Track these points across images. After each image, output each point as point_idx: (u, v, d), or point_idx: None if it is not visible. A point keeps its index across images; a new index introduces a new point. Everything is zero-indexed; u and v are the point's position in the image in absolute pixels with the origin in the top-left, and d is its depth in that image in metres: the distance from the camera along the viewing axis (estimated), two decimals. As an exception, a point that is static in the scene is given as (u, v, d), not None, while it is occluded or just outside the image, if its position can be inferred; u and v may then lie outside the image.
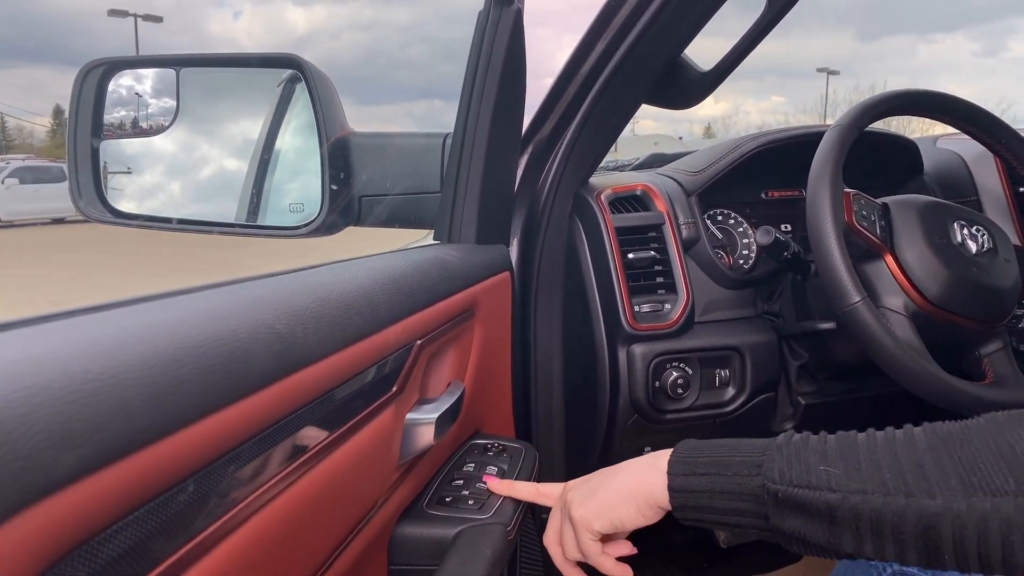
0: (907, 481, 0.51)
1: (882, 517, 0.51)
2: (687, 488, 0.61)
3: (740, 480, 0.58)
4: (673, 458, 0.63)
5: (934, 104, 1.02)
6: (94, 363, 0.30)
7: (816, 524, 0.54)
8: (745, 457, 0.59)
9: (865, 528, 0.52)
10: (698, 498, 0.60)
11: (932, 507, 0.50)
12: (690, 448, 0.63)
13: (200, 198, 1.02)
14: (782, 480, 0.56)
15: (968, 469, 0.50)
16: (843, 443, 0.56)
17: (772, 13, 0.95)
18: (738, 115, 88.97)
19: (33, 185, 15.32)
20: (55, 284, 7.86)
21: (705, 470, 0.60)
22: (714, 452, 0.61)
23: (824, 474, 0.54)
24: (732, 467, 0.59)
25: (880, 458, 0.54)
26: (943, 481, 0.50)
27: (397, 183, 0.96)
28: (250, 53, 1.43)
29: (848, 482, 0.53)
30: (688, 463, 0.62)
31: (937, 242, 0.94)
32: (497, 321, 0.93)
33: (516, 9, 0.88)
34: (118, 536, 0.30)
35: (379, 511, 0.63)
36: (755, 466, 0.58)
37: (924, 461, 0.52)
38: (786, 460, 0.57)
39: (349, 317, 0.53)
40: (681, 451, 0.63)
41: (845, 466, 0.54)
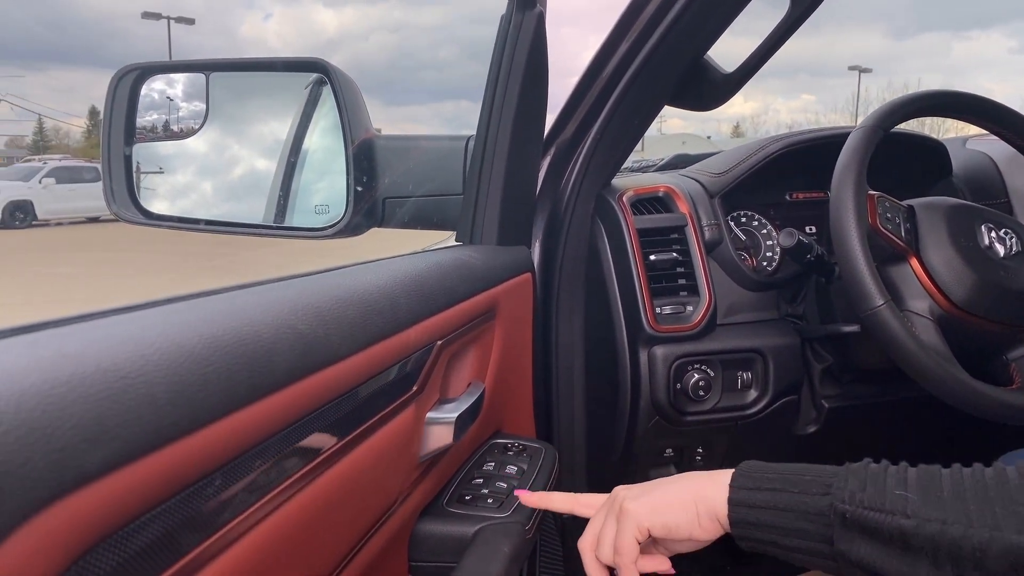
0: (995, 514, 0.48)
1: (962, 549, 0.48)
2: (748, 502, 0.57)
3: (807, 499, 0.55)
4: (738, 471, 0.60)
5: (961, 105, 1.01)
6: (124, 361, 0.32)
7: (887, 551, 0.51)
8: (815, 476, 0.56)
9: (943, 560, 0.48)
10: (759, 514, 0.57)
11: (1020, 541, 0.46)
12: (757, 465, 0.60)
13: (228, 200, 1.04)
14: (852, 501, 0.52)
15: None
16: (925, 473, 0.53)
17: (796, 13, 0.95)
18: (767, 114, 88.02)
19: (69, 185, 15.65)
20: (86, 281, 8.03)
21: (771, 485, 0.57)
22: (782, 470, 0.58)
23: (900, 499, 0.51)
24: (800, 484, 0.56)
25: (965, 491, 0.50)
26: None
27: (420, 185, 0.98)
28: (277, 57, 1.45)
29: (926, 510, 0.50)
30: (753, 477, 0.58)
31: (964, 245, 0.93)
32: (518, 322, 0.93)
33: (538, 13, 0.89)
34: (146, 528, 0.31)
35: (400, 508, 0.64)
36: (825, 485, 0.55)
37: (1016, 495, 0.48)
38: (859, 482, 0.53)
39: (370, 318, 0.54)
40: (746, 467, 0.60)
41: (924, 494, 0.51)
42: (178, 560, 0.34)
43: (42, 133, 54.04)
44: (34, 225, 15.15)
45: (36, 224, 15.21)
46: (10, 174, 16.83)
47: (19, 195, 15.17)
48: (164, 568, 0.32)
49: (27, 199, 15.25)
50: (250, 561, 0.40)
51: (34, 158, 23.77)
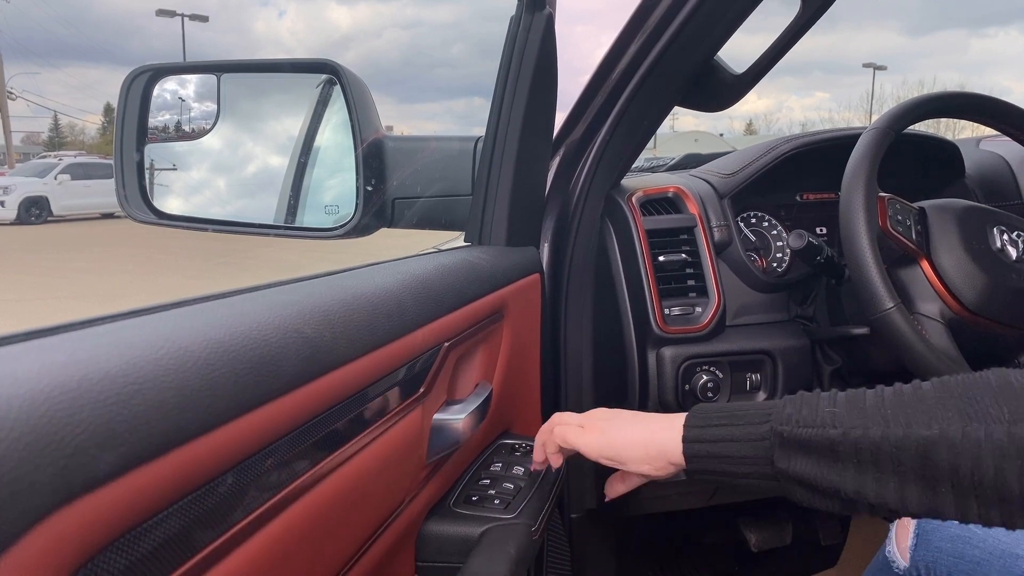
0: (907, 414, 0.53)
1: (881, 449, 0.53)
2: (700, 438, 0.63)
3: (750, 428, 0.60)
4: (690, 413, 0.66)
5: (974, 106, 1.00)
6: (133, 366, 0.32)
7: (819, 463, 0.56)
8: (758, 409, 0.62)
9: (866, 461, 0.54)
10: (710, 447, 0.62)
11: (929, 435, 0.51)
12: (707, 406, 0.67)
13: (238, 200, 1.05)
14: (789, 422, 0.58)
15: (966, 402, 0.52)
16: (852, 392, 0.59)
17: (807, 14, 0.94)
18: (781, 111, 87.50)
19: (84, 181, 15.76)
20: (103, 277, 8.10)
21: (719, 421, 0.63)
22: (729, 407, 0.64)
23: (830, 414, 0.56)
24: (744, 417, 0.62)
25: (884, 400, 0.56)
26: (941, 413, 0.52)
27: (430, 186, 0.98)
28: (287, 59, 1.46)
29: (851, 419, 0.55)
30: (703, 416, 0.64)
31: (975, 248, 0.93)
32: (527, 323, 0.94)
33: (548, 14, 0.89)
34: (154, 531, 0.32)
35: (407, 508, 0.65)
36: (765, 414, 0.60)
37: (926, 398, 0.54)
38: (794, 406, 0.59)
39: (377, 321, 0.54)
40: (698, 408, 0.66)
41: (850, 407, 0.56)
42: (186, 561, 0.34)
43: (58, 129, 54.51)
44: (49, 221, 15.28)
45: (51, 220, 15.33)
46: (26, 170, 16.98)
47: (35, 191, 15.30)
48: (172, 569, 0.33)
49: (43, 195, 15.38)
50: (258, 561, 0.40)
51: (50, 154, 23.99)
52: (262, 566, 0.41)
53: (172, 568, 0.33)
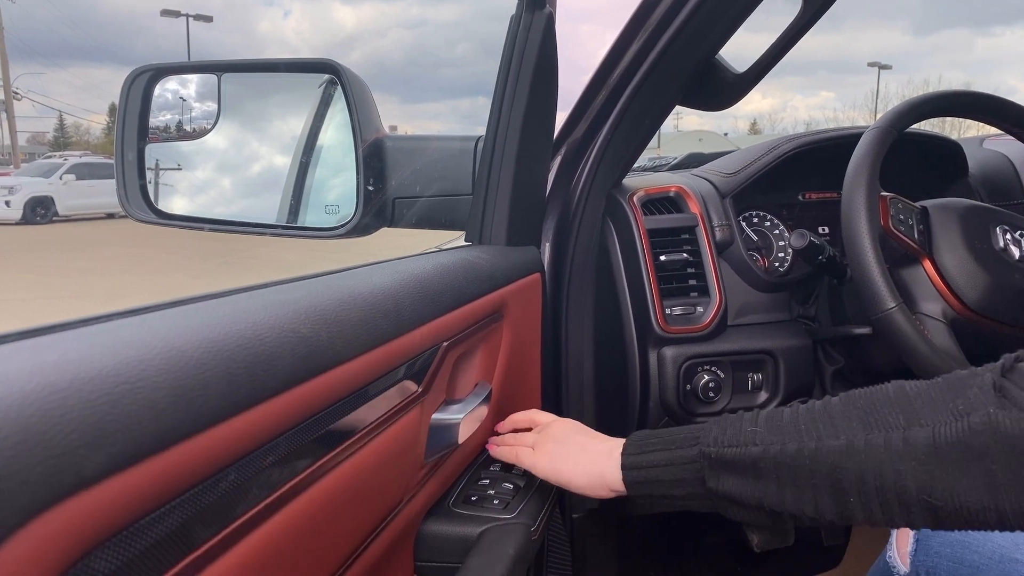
0: (818, 428, 0.57)
1: (797, 463, 0.57)
2: (637, 465, 0.67)
3: (682, 452, 0.64)
4: (627, 442, 0.70)
5: (977, 105, 1.00)
6: (125, 366, 0.32)
7: (742, 479, 0.60)
8: (688, 433, 0.66)
9: (784, 476, 0.57)
10: (647, 473, 0.66)
11: (836, 446, 0.55)
12: (643, 433, 0.70)
13: (239, 200, 1.05)
14: (715, 444, 0.61)
15: (868, 412, 0.56)
16: (771, 411, 0.63)
17: (809, 14, 0.94)
18: (785, 110, 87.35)
19: (89, 181, 15.79)
20: (105, 276, 8.13)
21: (653, 448, 0.67)
22: (662, 434, 0.68)
23: (751, 433, 0.60)
24: (676, 442, 0.66)
25: (798, 416, 0.60)
26: (847, 424, 0.56)
27: (430, 185, 0.98)
28: (288, 58, 1.46)
29: (769, 436, 0.59)
30: (639, 444, 0.68)
31: (978, 247, 0.92)
32: (527, 322, 0.93)
33: (548, 13, 0.89)
34: (145, 531, 0.32)
35: (405, 508, 0.65)
36: (695, 438, 0.64)
37: (834, 412, 0.58)
38: (720, 428, 0.63)
39: (374, 320, 0.54)
40: (635, 436, 0.70)
41: (768, 424, 0.60)
42: (179, 562, 0.34)
43: (63, 129, 54.71)
44: (54, 221, 15.32)
45: (57, 220, 15.38)
46: (31, 170, 17.03)
47: (40, 191, 15.34)
48: (164, 571, 0.33)
49: (48, 195, 15.42)
50: (253, 562, 0.40)
51: (55, 154, 24.06)
52: (257, 567, 0.41)
53: (163, 570, 0.33)
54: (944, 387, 0.55)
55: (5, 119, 27.64)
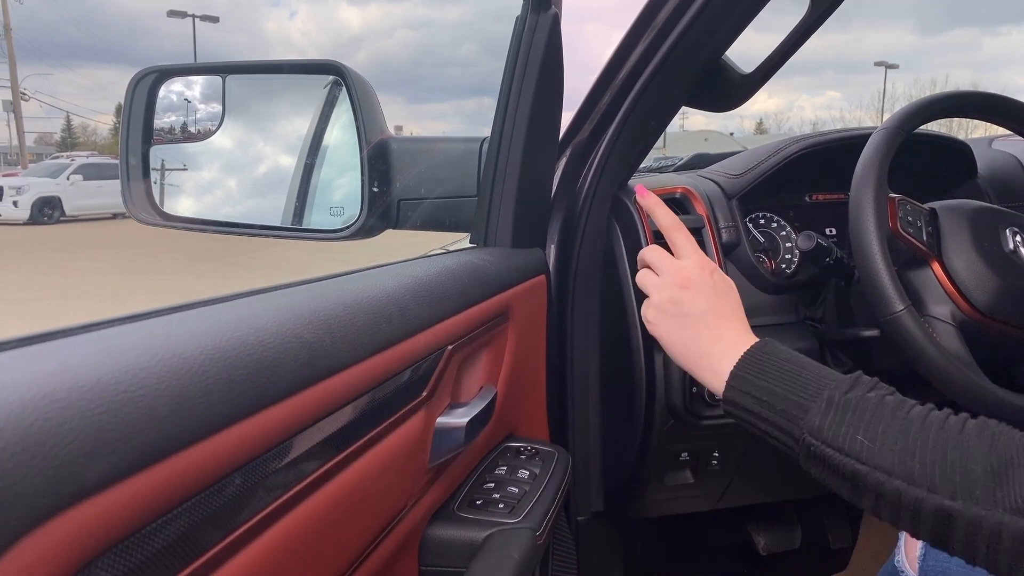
0: (934, 477, 0.53)
1: (902, 499, 0.54)
2: (737, 403, 0.66)
3: (784, 421, 0.62)
4: (735, 370, 0.67)
5: (986, 106, 0.99)
6: (125, 373, 0.32)
7: (840, 481, 0.58)
8: (798, 397, 0.62)
9: (884, 501, 0.56)
10: (744, 413, 0.65)
11: (949, 506, 0.52)
12: (756, 363, 0.66)
13: (243, 201, 1.04)
14: (818, 436, 0.59)
15: (999, 484, 0.51)
16: (892, 419, 0.58)
17: (816, 14, 0.93)
18: (792, 110, 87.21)
19: (96, 181, 15.86)
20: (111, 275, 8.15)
21: (759, 393, 0.64)
22: (773, 379, 0.64)
23: (859, 444, 0.57)
24: (783, 402, 0.62)
25: (917, 446, 0.55)
26: (969, 487, 0.52)
27: (435, 187, 0.97)
28: (292, 60, 1.46)
29: (878, 460, 0.56)
30: (747, 380, 0.66)
31: (987, 249, 0.91)
32: (532, 325, 0.93)
33: (553, 14, 0.88)
34: (147, 541, 0.31)
35: (410, 513, 0.64)
36: (802, 410, 0.61)
37: (961, 463, 0.53)
38: (830, 418, 0.59)
39: (378, 324, 0.54)
40: (747, 363, 0.67)
41: (881, 444, 0.56)
42: (181, 571, 0.34)
43: (70, 130, 54.94)
44: (62, 221, 15.39)
45: (64, 220, 15.44)
46: (39, 171, 17.11)
47: (48, 191, 15.42)
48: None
49: (55, 195, 15.50)
50: (257, 569, 0.40)
51: (62, 155, 24.17)
52: (261, 573, 0.41)
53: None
54: None
55: (13, 119, 27.75)
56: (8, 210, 14.80)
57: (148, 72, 0.92)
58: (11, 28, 26.93)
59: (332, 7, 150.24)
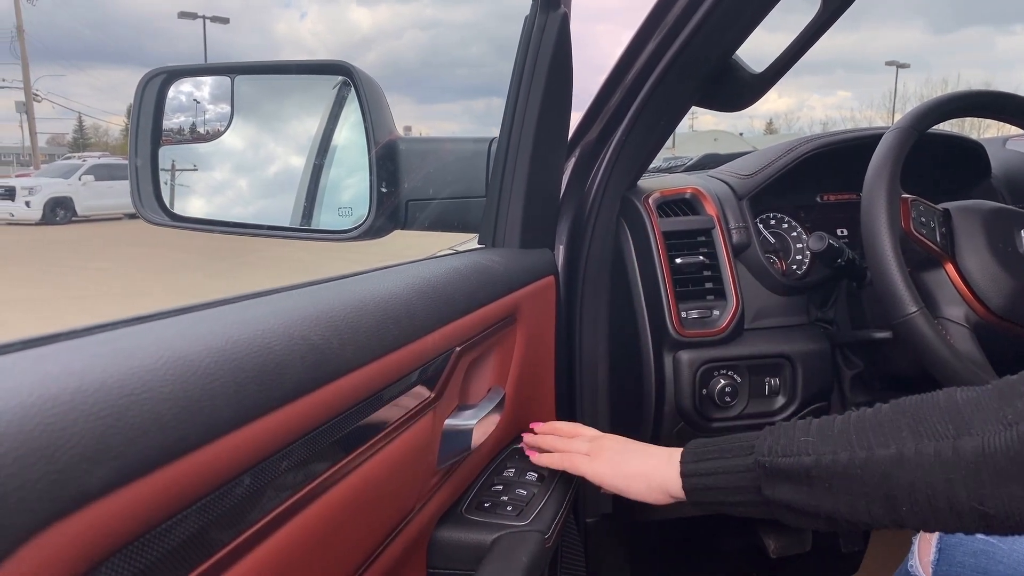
0: (868, 437, 0.58)
1: (848, 473, 0.58)
2: (696, 472, 0.69)
3: (738, 460, 0.66)
4: (686, 450, 0.72)
5: (999, 105, 0.98)
6: (129, 376, 0.31)
7: (796, 488, 0.61)
8: (743, 442, 0.67)
9: (837, 486, 0.59)
10: (705, 480, 0.68)
11: (887, 455, 0.56)
12: (700, 442, 0.72)
13: (252, 202, 1.04)
14: (770, 453, 0.63)
15: (918, 421, 0.57)
16: (823, 420, 0.64)
17: (827, 13, 0.92)
18: (802, 110, 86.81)
19: (108, 182, 15.94)
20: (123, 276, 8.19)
21: (710, 456, 0.69)
22: (719, 442, 0.70)
23: (804, 443, 0.61)
24: (732, 451, 0.67)
25: (849, 425, 0.61)
26: (897, 434, 0.57)
27: (444, 188, 0.97)
28: (301, 60, 1.45)
29: (822, 446, 0.60)
30: (697, 452, 0.70)
31: (1002, 250, 0.90)
32: (540, 326, 0.92)
33: (562, 14, 0.88)
34: (153, 544, 0.31)
35: (418, 515, 0.64)
36: (749, 447, 0.66)
37: (884, 421, 0.59)
38: (774, 438, 0.64)
39: (386, 326, 0.53)
40: (692, 444, 0.72)
41: (820, 434, 0.61)
42: (189, 573, 0.34)
43: (82, 131, 55.33)
44: (73, 221, 15.48)
45: (76, 220, 15.54)
46: (51, 171, 17.22)
47: (60, 192, 15.51)
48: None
49: (67, 196, 15.59)
50: (264, 572, 0.40)
51: (74, 155, 24.33)
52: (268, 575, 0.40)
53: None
54: (994, 395, 0.55)
55: (25, 120, 27.98)
56: (21, 210, 14.90)
57: (157, 73, 0.92)
58: (24, 30, 27.13)
59: (343, 8, 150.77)
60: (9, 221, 14.91)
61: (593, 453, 0.77)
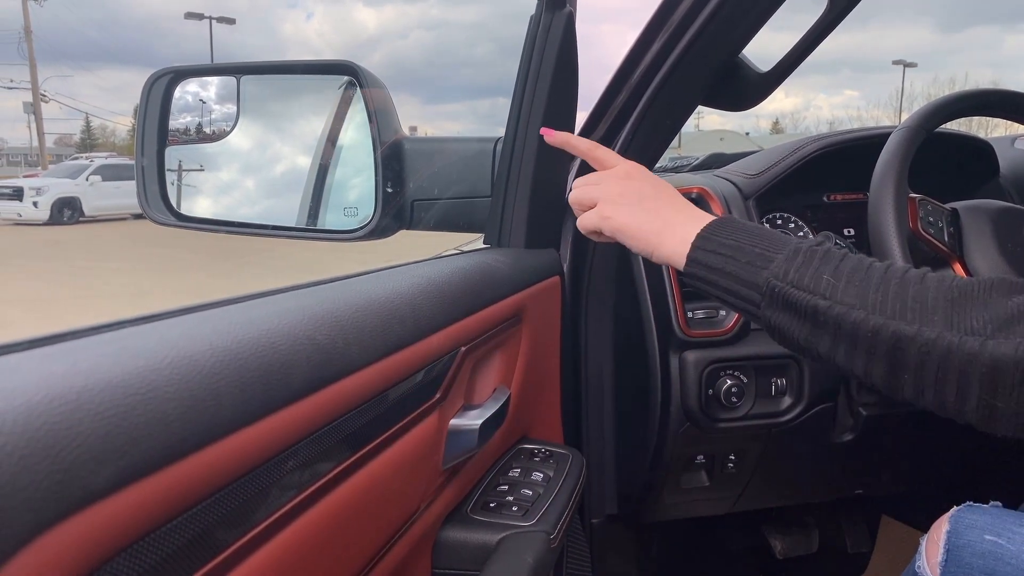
0: (894, 306, 0.55)
1: (859, 330, 0.55)
2: (701, 261, 0.65)
3: (750, 269, 0.62)
4: (702, 231, 0.66)
5: (1008, 104, 0.97)
6: (134, 375, 0.31)
7: (799, 322, 0.59)
8: (764, 250, 0.62)
9: (843, 335, 0.56)
10: (707, 272, 0.65)
11: (905, 330, 0.54)
12: (720, 227, 0.66)
13: (257, 202, 1.05)
14: (783, 279, 0.59)
15: (955, 310, 0.53)
16: (859, 265, 0.59)
17: (834, 13, 0.92)
18: (808, 110, 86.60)
19: (115, 182, 16.00)
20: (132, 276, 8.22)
21: (725, 251, 0.64)
22: (740, 237, 0.64)
23: (824, 282, 0.58)
24: (749, 255, 0.62)
25: (881, 284, 0.57)
26: (925, 314, 0.54)
27: (449, 187, 0.97)
28: (306, 60, 1.46)
29: (842, 295, 0.57)
30: (713, 240, 0.65)
31: (1010, 250, 0.90)
32: (546, 326, 0.92)
33: (568, 13, 0.88)
34: (158, 543, 0.31)
35: (423, 515, 0.64)
36: (768, 260, 0.61)
37: (920, 297, 0.55)
38: (797, 263, 0.60)
39: (391, 326, 0.53)
40: (713, 228, 0.66)
41: (847, 282, 0.57)
42: (194, 573, 0.34)
43: (89, 131, 55.58)
44: (81, 221, 15.54)
45: (83, 220, 15.60)
46: (58, 172, 17.30)
47: (67, 192, 15.57)
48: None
49: (75, 196, 15.65)
50: (269, 572, 0.40)
51: (81, 156, 24.43)
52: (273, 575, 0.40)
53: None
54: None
55: (33, 121, 28.13)
56: (28, 211, 14.97)
57: (163, 73, 0.92)
58: (31, 31, 27.27)
59: (348, 8, 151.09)
60: (17, 221, 14.99)
61: (608, 197, 0.74)
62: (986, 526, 0.78)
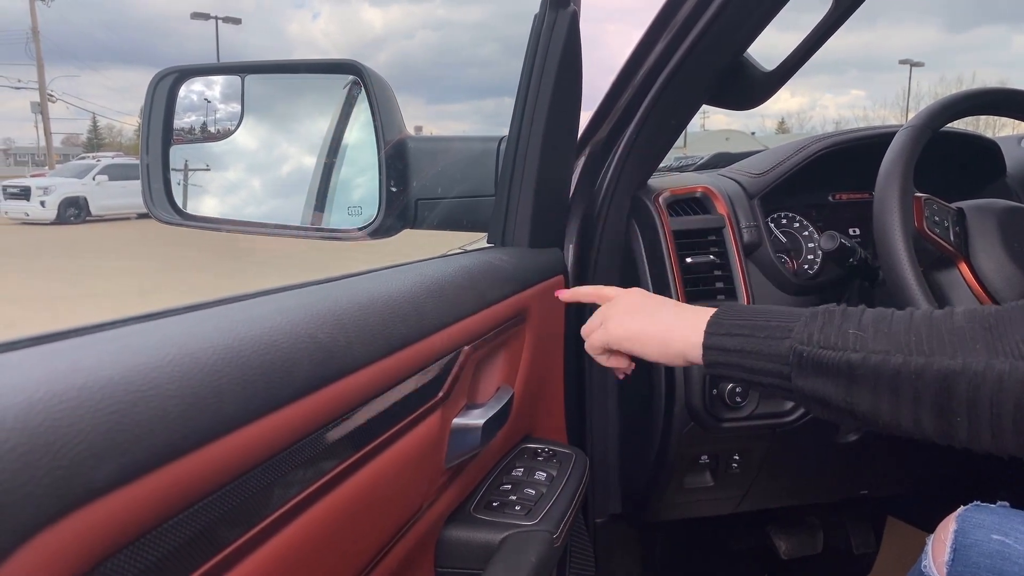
0: (931, 344, 0.53)
1: (900, 375, 0.52)
2: (719, 346, 0.64)
3: (771, 343, 0.60)
4: (712, 319, 0.66)
5: (1013, 103, 0.97)
6: (136, 373, 0.31)
7: (835, 383, 0.56)
8: (780, 322, 0.61)
9: (883, 386, 0.53)
10: (729, 356, 0.63)
11: (951, 365, 0.51)
12: (730, 311, 0.66)
13: (262, 201, 1.05)
14: (810, 342, 0.57)
15: (995, 336, 0.51)
16: (878, 313, 0.57)
17: (838, 12, 0.91)
18: (815, 109, 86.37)
19: (121, 182, 16.05)
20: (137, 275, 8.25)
21: (740, 331, 0.63)
22: (751, 316, 0.63)
23: (851, 336, 0.55)
24: (766, 330, 0.61)
25: (913, 324, 0.55)
26: (966, 345, 0.51)
27: (453, 187, 0.97)
28: (311, 59, 1.46)
29: (873, 344, 0.54)
30: (725, 325, 0.64)
31: (1017, 250, 0.89)
32: (550, 325, 0.92)
33: (572, 11, 0.88)
34: (159, 540, 0.31)
35: (426, 514, 0.64)
36: (787, 329, 0.60)
37: (955, 328, 0.53)
38: (819, 325, 0.58)
39: (394, 324, 0.53)
40: (721, 313, 0.66)
41: (875, 330, 0.55)
42: (195, 570, 0.34)
43: (96, 131, 55.77)
44: (87, 221, 15.60)
45: (90, 220, 15.65)
46: (65, 171, 17.36)
47: (74, 192, 15.63)
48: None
49: (81, 195, 15.70)
50: (271, 570, 0.40)
51: (88, 155, 24.51)
52: (275, 574, 0.40)
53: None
54: None
55: (40, 121, 28.26)
56: (36, 210, 15.03)
57: (168, 72, 0.93)
58: (39, 31, 27.38)
59: (355, 8, 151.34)
60: (24, 220, 15.05)
61: (607, 320, 0.74)
62: (993, 526, 0.78)
